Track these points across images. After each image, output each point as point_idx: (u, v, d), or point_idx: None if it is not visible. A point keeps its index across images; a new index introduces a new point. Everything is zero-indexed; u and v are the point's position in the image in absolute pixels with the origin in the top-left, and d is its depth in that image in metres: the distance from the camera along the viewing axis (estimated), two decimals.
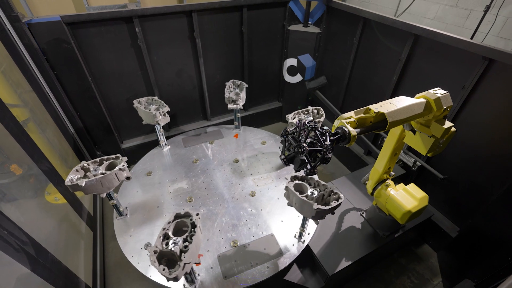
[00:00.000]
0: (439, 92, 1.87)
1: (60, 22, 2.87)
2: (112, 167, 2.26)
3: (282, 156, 1.69)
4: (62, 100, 3.26)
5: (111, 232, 3.34)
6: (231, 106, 3.25)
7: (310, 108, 2.99)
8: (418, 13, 5.09)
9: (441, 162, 3.05)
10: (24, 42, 2.75)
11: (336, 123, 1.62)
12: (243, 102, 3.33)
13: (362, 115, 1.69)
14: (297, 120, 1.59)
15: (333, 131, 1.58)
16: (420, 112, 1.78)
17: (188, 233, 1.74)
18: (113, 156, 2.30)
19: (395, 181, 2.51)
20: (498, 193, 2.38)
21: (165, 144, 3.36)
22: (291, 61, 4.43)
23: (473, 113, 2.64)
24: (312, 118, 2.18)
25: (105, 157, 2.28)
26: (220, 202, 2.68)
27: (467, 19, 4.40)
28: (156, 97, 3.12)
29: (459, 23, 4.52)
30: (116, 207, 2.46)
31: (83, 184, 2.00)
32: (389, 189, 2.38)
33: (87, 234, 3.00)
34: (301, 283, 2.47)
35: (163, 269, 1.55)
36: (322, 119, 2.90)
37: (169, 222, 1.79)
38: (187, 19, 3.56)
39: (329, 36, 4.16)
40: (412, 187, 2.43)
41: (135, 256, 2.23)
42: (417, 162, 3.22)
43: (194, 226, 1.77)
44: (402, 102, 1.76)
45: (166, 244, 1.68)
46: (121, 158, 2.29)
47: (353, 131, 1.52)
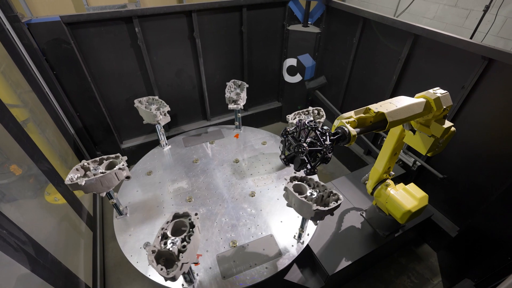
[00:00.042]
0: (439, 91, 1.87)
1: (59, 22, 2.87)
2: (112, 166, 2.26)
3: (282, 156, 1.69)
4: (62, 100, 3.26)
5: (111, 232, 3.34)
6: (231, 106, 3.24)
7: (310, 108, 2.98)
8: (418, 13, 5.09)
9: (441, 162, 3.05)
10: (24, 42, 2.75)
11: (336, 123, 1.62)
12: (244, 102, 3.32)
13: (362, 115, 1.69)
14: (297, 120, 1.59)
15: (333, 131, 1.58)
16: (420, 112, 1.78)
17: (186, 233, 1.73)
18: (113, 155, 2.30)
19: (395, 181, 2.51)
20: (497, 192, 2.38)
21: (166, 143, 3.36)
22: (290, 61, 4.43)
23: (472, 113, 2.64)
24: (312, 118, 2.18)
25: (105, 157, 2.28)
26: (219, 202, 2.68)
27: (466, 19, 4.41)
28: (156, 96, 3.12)
29: (459, 22, 4.52)
30: (116, 206, 2.46)
31: (83, 183, 2.00)
32: (389, 188, 2.38)
33: (87, 234, 3.00)
34: (301, 283, 2.47)
35: (161, 269, 1.55)
36: (322, 119, 2.89)
37: (168, 222, 1.79)
38: (186, 19, 3.56)
39: (329, 36, 4.16)
40: (412, 186, 2.44)
41: (134, 256, 2.23)
42: (417, 162, 3.22)
43: (192, 226, 1.77)
44: (402, 101, 1.76)
45: (165, 244, 1.67)
46: (121, 157, 2.29)
47: (353, 131, 1.52)
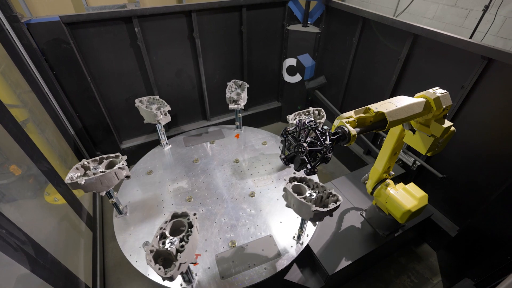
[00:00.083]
0: (439, 91, 1.87)
1: (59, 22, 2.87)
2: (111, 165, 2.26)
3: (282, 156, 1.69)
4: (61, 100, 3.25)
5: (111, 233, 3.34)
6: (232, 106, 3.24)
7: (311, 109, 2.98)
8: (417, 12, 5.10)
9: (440, 162, 3.06)
10: (23, 42, 2.75)
11: (336, 123, 1.62)
12: (245, 102, 3.32)
13: (362, 115, 1.69)
14: (297, 120, 1.59)
15: (333, 130, 1.58)
16: (419, 112, 1.79)
17: (185, 233, 1.73)
18: (113, 154, 2.31)
19: (394, 180, 2.51)
20: (497, 192, 2.38)
21: (166, 143, 3.36)
22: (290, 61, 4.43)
23: (472, 113, 2.64)
24: (312, 118, 2.18)
25: (105, 156, 2.29)
26: (219, 202, 2.68)
27: (466, 19, 4.41)
28: (157, 96, 3.12)
29: (458, 22, 4.53)
30: (116, 205, 2.46)
31: (82, 182, 2.01)
32: (388, 188, 2.38)
33: (86, 235, 3.00)
34: (301, 282, 2.47)
35: (159, 269, 1.55)
36: (323, 120, 2.88)
37: (166, 222, 1.78)
38: (186, 19, 3.55)
39: (329, 36, 4.16)
40: (412, 186, 2.44)
41: (134, 255, 2.23)
42: (417, 162, 3.22)
43: (191, 226, 1.76)
44: (401, 101, 1.76)
45: (163, 243, 1.67)
46: (121, 157, 2.29)
47: (353, 131, 1.52)
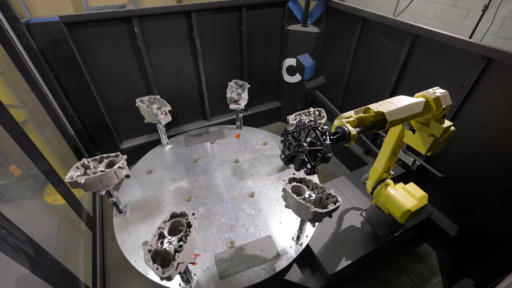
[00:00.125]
0: (438, 91, 1.87)
1: (58, 22, 2.87)
2: (111, 165, 2.27)
3: (282, 156, 1.69)
4: (61, 100, 3.25)
5: (111, 233, 3.34)
6: (232, 106, 3.24)
7: (311, 109, 2.98)
8: (417, 12, 5.10)
9: (440, 161, 3.06)
10: (23, 42, 2.75)
11: (336, 123, 1.62)
12: (245, 102, 3.31)
13: (362, 115, 1.69)
14: (297, 120, 1.59)
15: (333, 130, 1.58)
16: (419, 111, 1.79)
17: (183, 233, 1.73)
18: (113, 154, 2.31)
19: (394, 180, 2.51)
20: (497, 192, 2.38)
21: (167, 142, 3.36)
22: (290, 61, 4.43)
23: (472, 112, 2.64)
24: (313, 118, 2.18)
25: (105, 155, 2.29)
26: (219, 202, 2.68)
27: (465, 19, 4.41)
28: (158, 96, 3.11)
29: (458, 22, 4.53)
30: (116, 204, 2.46)
31: (82, 181, 2.02)
32: (388, 188, 2.38)
33: (86, 235, 3.00)
34: (302, 282, 2.47)
35: (157, 268, 1.55)
36: (323, 120, 2.88)
37: (165, 221, 1.78)
38: (186, 19, 3.55)
39: (328, 35, 4.16)
40: (412, 186, 2.44)
41: (133, 254, 2.23)
42: (417, 161, 3.23)
43: (189, 226, 1.76)
44: (401, 101, 1.76)
45: (161, 243, 1.67)
46: (121, 156, 2.30)
47: (353, 131, 1.52)
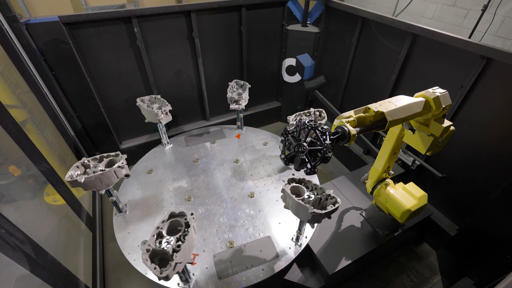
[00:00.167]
0: (438, 91, 1.87)
1: (58, 22, 2.86)
2: (111, 164, 2.27)
3: (282, 156, 1.69)
4: (61, 100, 3.25)
5: (111, 233, 3.34)
6: (233, 107, 3.23)
7: (312, 110, 2.97)
8: (416, 12, 5.10)
9: (440, 161, 3.06)
10: (22, 42, 2.74)
11: (336, 122, 1.62)
12: (246, 102, 3.30)
13: (362, 114, 1.69)
14: (297, 120, 1.58)
15: (333, 130, 1.58)
16: (419, 111, 1.79)
17: (181, 233, 1.73)
18: (113, 153, 2.31)
19: (394, 180, 2.51)
20: (497, 191, 2.39)
21: (167, 142, 3.36)
22: (290, 61, 4.43)
23: (471, 112, 2.65)
24: (313, 118, 2.18)
25: (105, 154, 2.30)
26: (218, 202, 2.67)
27: (465, 19, 4.42)
28: (159, 95, 3.11)
29: (457, 22, 4.53)
30: (116, 203, 2.46)
31: (82, 180, 2.02)
32: (388, 188, 2.39)
33: (86, 235, 2.99)
34: (301, 282, 2.47)
35: (154, 268, 1.55)
36: (324, 121, 2.88)
37: (164, 221, 1.78)
38: (185, 19, 3.55)
39: (328, 35, 4.16)
40: (411, 186, 2.44)
41: (132, 253, 2.23)
42: (416, 161, 3.23)
43: (188, 226, 1.76)
44: (401, 101, 1.76)
45: (159, 243, 1.67)
46: (121, 155, 2.30)
47: (353, 130, 1.53)
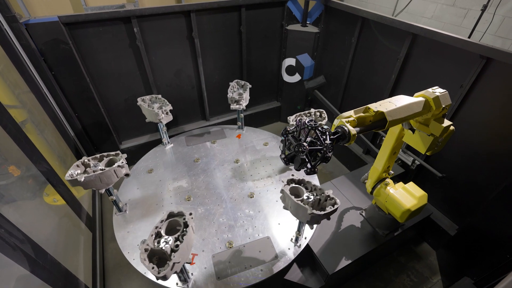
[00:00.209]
0: (438, 90, 1.87)
1: (57, 22, 2.86)
2: (111, 163, 2.27)
3: (282, 156, 1.69)
4: (60, 100, 3.24)
5: (111, 233, 3.34)
6: (234, 107, 3.23)
7: (313, 110, 2.97)
8: (416, 12, 5.10)
9: (439, 161, 3.06)
10: (22, 42, 2.74)
11: (336, 122, 1.62)
12: (246, 102, 3.30)
13: (362, 114, 1.69)
14: (298, 120, 1.58)
15: (333, 130, 1.58)
16: (419, 111, 1.79)
17: (180, 233, 1.72)
18: (113, 153, 2.32)
19: (394, 180, 2.52)
20: (496, 191, 2.39)
21: (168, 142, 3.36)
22: (289, 61, 4.43)
23: (471, 112, 2.65)
24: (313, 118, 2.18)
25: (105, 154, 2.30)
26: (218, 202, 2.67)
27: (464, 18, 4.42)
28: (159, 95, 3.11)
29: (457, 22, 4.53)
30: (116, 203, 2.47)
31: (82, 180, 2.02)
32: (388, 187, 2.39)
33: (86, 235, 2.99)
34: (302, 282, 2.47)
35: (152, 268, 1.55)
36: (324, 122, 2.88)
37: (162, 221, 1.78)
38: (185, 19, 3.55)
39: (328, 35, 4.16)
40: (411, 185, 2.44)
41: (132, 253, 2.23)
42: (416, 161, 3.23)
43: (186, 225, 1.76)
44: (401, 101, 1.76)
45: (158, 242, 1.67)
46: (121, 155, 2.30)
47: (353, 130, 1.53)
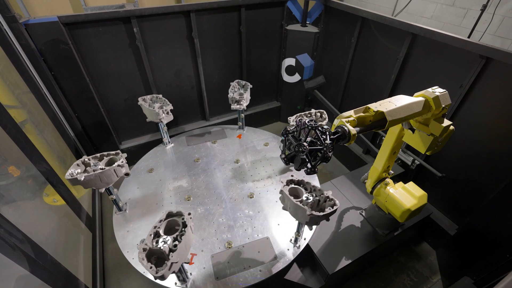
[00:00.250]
0: (438, 90, 1.88)
1: (57, 22, 2.86)
2: (112, 163, 2.27)
3: (283, 155, 1.69)
4: (60, 101, 3.24)
5: (110, 234, 3.33)
6: (234, 107, 3.23)
7: (313, 110, 2.97)
8: (416, 12, 5.11)
9: (439, 161, 3.07)
10: (21, 42, 2.74)
11: (336, 122, 1.62)
12: (247, 102, 3.29)
13: (362, 114, 1.69)
14: (298, 120, 1.59)
15: (333, 130, 1.58)
16: (419, 111, 1.79)
17: (178, 233, 1.72)
18: (113, 152, 2.32)
19: (394, 179, 2.52)
20: (496, 190, 2.39)
21: (169, 141, 3.36)
22: (289, 61, 4.43)
23: (471, 112, 2.65)
24: (314, 119, 2.19)
25: (105, 153, 2.30)
26: (218, 202, 2.67)
27: (464, 18, 4.42)
28: (160, 95, 3.11)
29: (456, 22, 4.54)
30: (116, 202, 2.46)
31: (82, 179, 2.02)
32: (388, 187, 2.39)
33: (86, 235, 2.99)
34: (302, 282, 2.47)
35: (150, 267, 1.55)
36: (324, 122, 2.88)
37: (161, 221, 1.78)
38: (185, 19, 3.55)
39: (327, 35, 4.16)
40: (411, 185, 2.44)
41: (131, 252, 2.23)
42: (416, 161, 3.23)
43: (185, 225, 1.76)
44: (401, 100, 1.76)
45: (156, 242, 1.67)
46: (121, 154, 2.31)
47: (353, 130, 1.53)
